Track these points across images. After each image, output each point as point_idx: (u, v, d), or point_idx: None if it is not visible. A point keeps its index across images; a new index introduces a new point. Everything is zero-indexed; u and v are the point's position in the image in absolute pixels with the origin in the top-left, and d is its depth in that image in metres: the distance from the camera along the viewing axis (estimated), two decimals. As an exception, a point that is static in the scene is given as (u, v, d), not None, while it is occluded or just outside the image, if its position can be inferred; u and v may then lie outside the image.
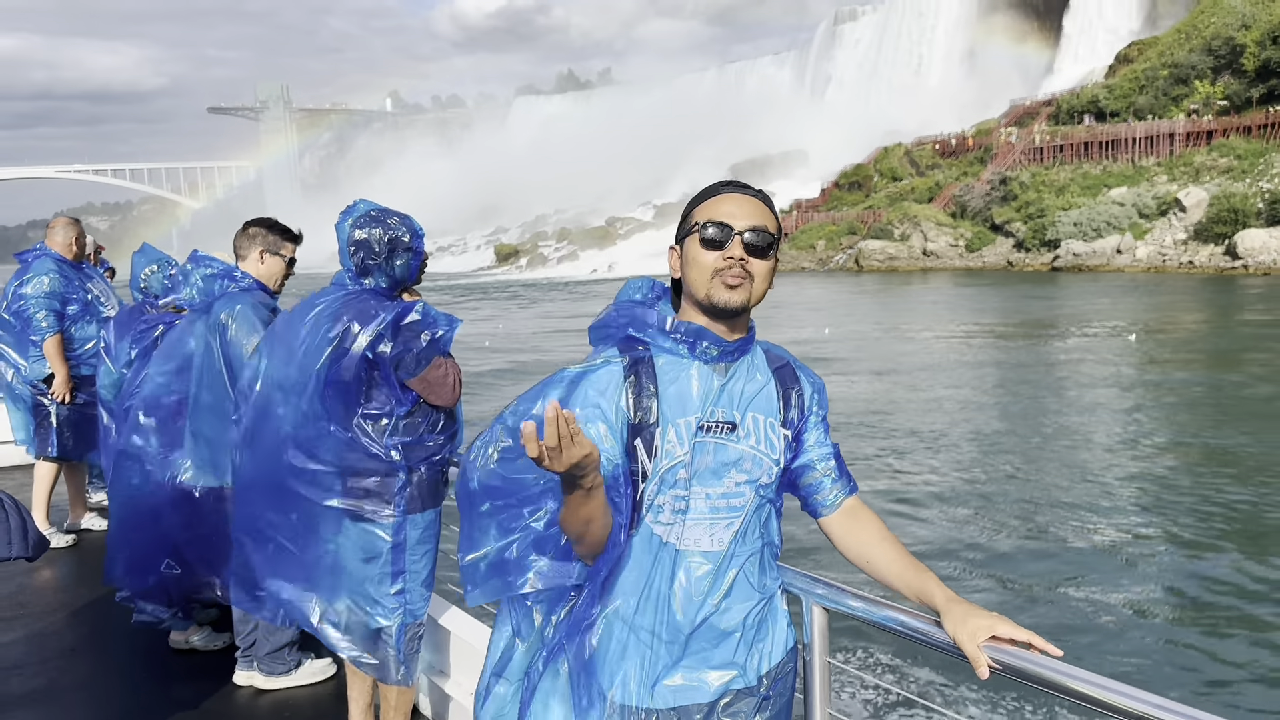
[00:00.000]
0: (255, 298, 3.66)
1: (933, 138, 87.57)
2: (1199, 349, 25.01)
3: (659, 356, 1.79)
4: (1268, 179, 56.05)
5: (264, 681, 3.87)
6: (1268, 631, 8.32)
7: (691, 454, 1.76)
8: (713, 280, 1.75)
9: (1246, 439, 15.17)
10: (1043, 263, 59.91)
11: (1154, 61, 75.40)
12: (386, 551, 2.94)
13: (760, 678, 1.88)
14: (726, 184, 1.83)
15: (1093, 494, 12.56)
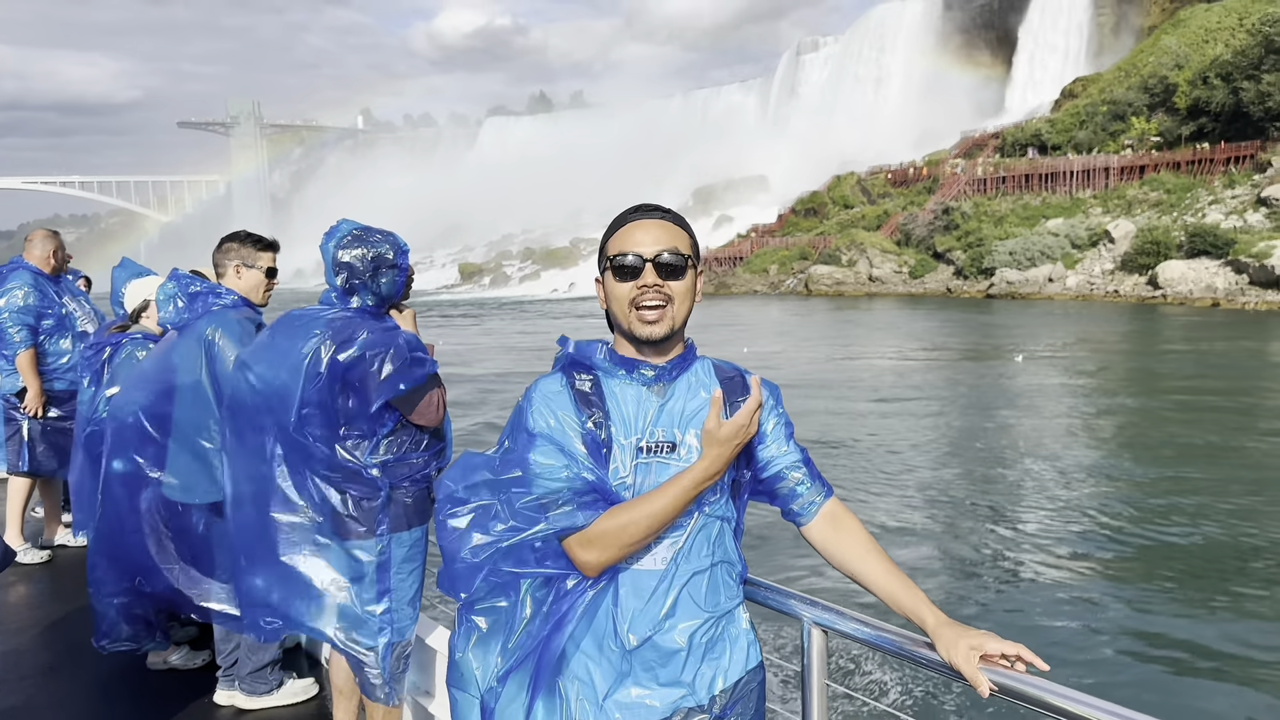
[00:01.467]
0: (240, 313, 3.62)
1: (886, 167, 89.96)
2: (1081, 368, 26.78)
3: (602, 380, 1.83)
4: (1191, 213, 58.56)
5: (245, 701, 3.80)
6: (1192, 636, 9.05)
7: (633, 474, 1.79)
8: (631, 313, 1.80)
9: (1126, 452, 16.77)
10: (979, 290, 62.00)
11: (1095, 97, 78.29)
12: (372, 571, 2.92)
13: (713, 697, 1.86)
14: (634, 210, 1.86)
15: (989, 498, 14.05)
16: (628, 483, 1.79)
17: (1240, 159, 61.19)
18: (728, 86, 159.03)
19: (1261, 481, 14.46)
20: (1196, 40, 74.55)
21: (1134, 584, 10.42)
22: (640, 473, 1.80)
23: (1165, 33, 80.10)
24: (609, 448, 1.79)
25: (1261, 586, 10.23)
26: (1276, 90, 58.54)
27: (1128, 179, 67.00)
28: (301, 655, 4.34)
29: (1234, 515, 12.74)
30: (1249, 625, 9.19)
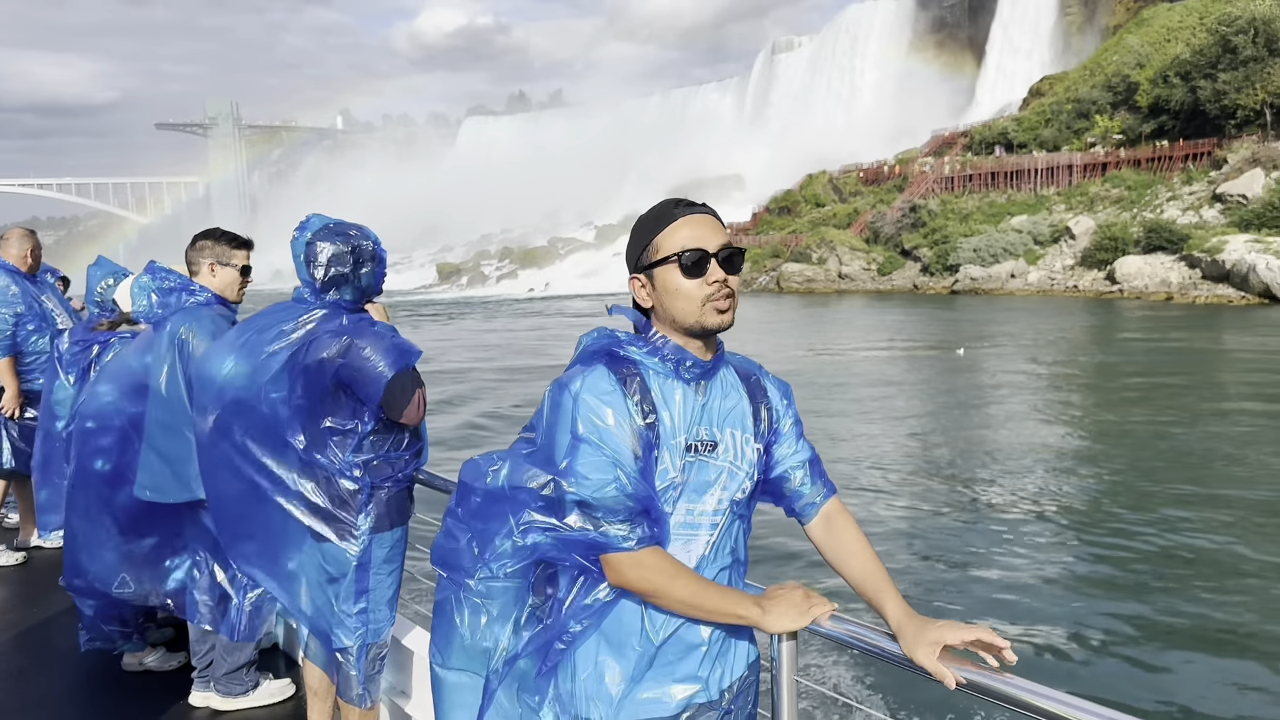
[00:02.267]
0: (214, 311, 3.58)
1: (858, 165, 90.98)
2: (1016, 360, 27.70)
3: (649, 377, 1.81)
4: (1151, 209, 59.78)
5: (221, 702, 3.78)
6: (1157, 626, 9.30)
7: (681, 473, 1.80)
8: (704, 308, 1.79)
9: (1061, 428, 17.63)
10: (944, 286, 63.03)
11: (1061, 96, 79.51)
12: (351, 570, 2.91)
13: (722, 692, 1.89)
14: (677, 205, 1.85)
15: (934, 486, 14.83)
16: (676, 481, 1.80)
17: (1198, 156, 62.45)
18: (705, 86, 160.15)
19: (1163, 457, 15.34)
20: (1158, 39, 75.85)
21: (1063, 565, 11.07)
22: (686, 471, 1.81)
23: (1129, 32, 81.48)
24: (659, 448, 1.78)
25: (1184, 568, 10.98)
26: (1231, 89, 59.80)
27: (1090, 176, 68.20)
28: (278, 656, 4.28)
29: (1151, 497, 13.61)
30: (1195, 608, 9.56)
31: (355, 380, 2.83)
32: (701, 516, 1.83)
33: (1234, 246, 48.68)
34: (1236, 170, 57.64)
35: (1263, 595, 9.73)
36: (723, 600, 1.79)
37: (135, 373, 3.67)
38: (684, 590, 1.76)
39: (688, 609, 1.78)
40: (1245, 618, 9.19)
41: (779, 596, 1.83)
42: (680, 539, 1.82)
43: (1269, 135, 59.30)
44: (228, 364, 2.91)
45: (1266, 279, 45.33)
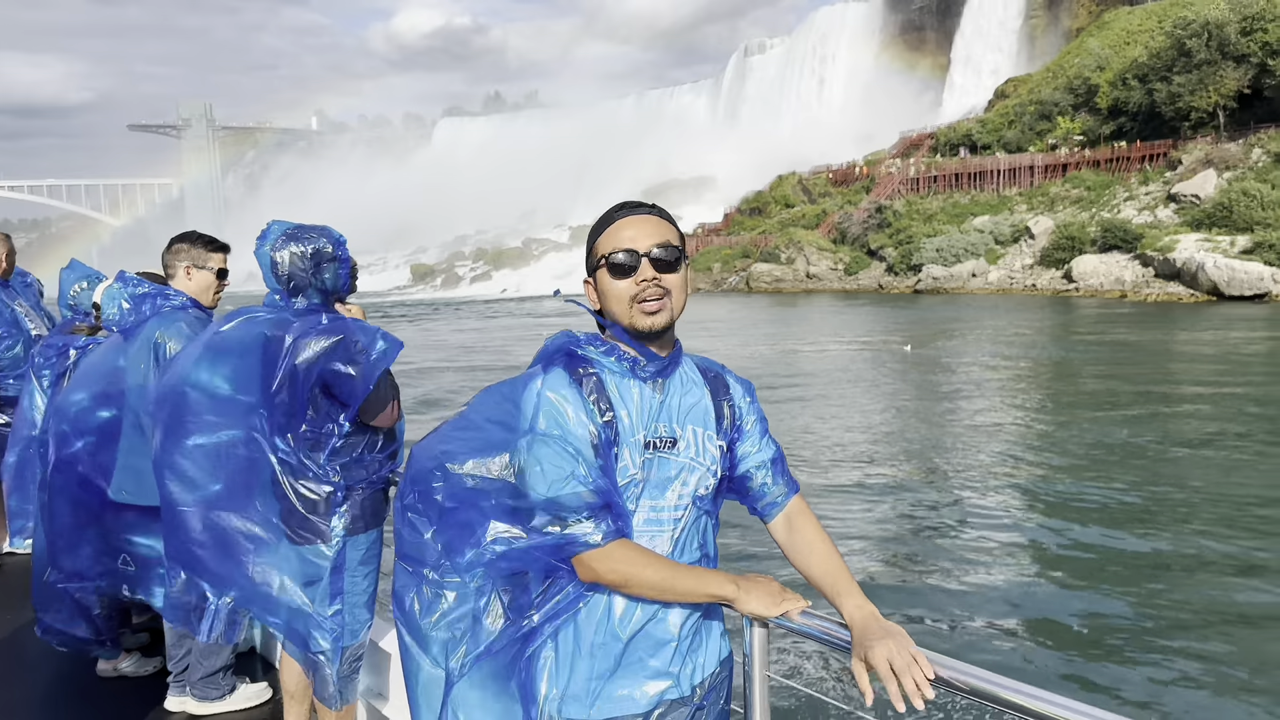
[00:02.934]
0: (190, 316, 3.56)
1: (828, 166, 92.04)
2: (957, 356, 28.61)
3: (605, 377, 1.83)
4: (1109, 209, 61.05)
5: (197, 707, 3.75)
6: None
7: (642, 470, 1.82)
8: (632, 308, 1.80)
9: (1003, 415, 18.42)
10: (907, 286, 64.10)
11: (1024, 98, 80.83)
12: (326, 573, 2.91)
13: (694, 688, 1.89)
14: (620, 208, 1.87)
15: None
16: (637, 478, 1.82)
17: (1155, 157, 63.83)
18: (680, 87, 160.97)
19: (1092, 445, 16.17)
20: (1119, 42, 77.27)
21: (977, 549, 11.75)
22: (647, 468, 1.83)
23: (1090, 35, 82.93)
24: (618, 445, 1.80)
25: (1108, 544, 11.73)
26: (1185, 91, 61.12)
27: (1051, 177, 69.51)
28: (255, 660, 4.26)
29: (1050, 483, 14.41)
30: (1149, 598, 9.88)
31: (336, 382, 2.83)
32: (664, 513, 1.85)
33: (1185, 246, 49.93)
34: (1190, 171, 59.01)
35: (1216, 584, 10.18)
36: (696, 580, 1.82)
37: (107, 377, 3.63)
38: (655, 575, 1.78)
39: (661, 593, 1.80)
40: (1202, 606, 9.59)
41: (756, 580, 1.86)
42: (645, 535, 1.83)
43: (1222, 137, 60.72)
44: (206, 371, 2.89)
45: (1214, 277, 46.55)
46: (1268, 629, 8.92)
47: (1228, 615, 9.28)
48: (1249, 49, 58.77)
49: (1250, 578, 10.20)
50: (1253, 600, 9.57)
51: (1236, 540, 11.47)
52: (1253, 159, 57.05)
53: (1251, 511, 12.59)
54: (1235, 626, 9.01)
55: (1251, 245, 47.86)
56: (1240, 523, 12.11)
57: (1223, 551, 11.12)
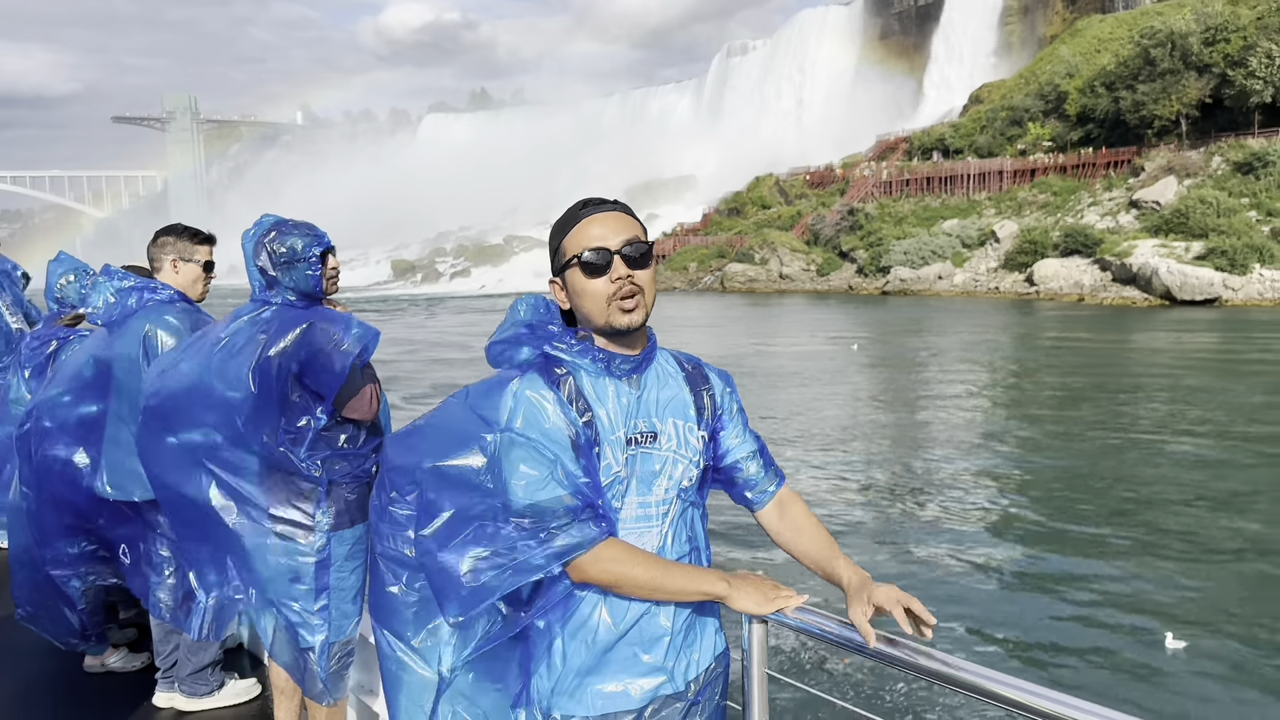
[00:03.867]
0: (178, 309, 3.55)
1: (806, 168, 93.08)
2: (901, 354, 29.58)
3: (581, 377, 1.83)
4: (1073, 214, 62.23)
5: (185, 703, 3.74)
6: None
7: (625, 466, 1.82)
8: (609, 307, 1.80)
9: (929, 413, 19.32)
10: (876, 287, 65.16)
11: (997, 103, 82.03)
12: (311, 568, 2.91)
13: (688, 683, 1.88)
14: (584, 205, 1.86)
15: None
16: (621, 475, 1.82)
17: (1119, 164, 65.09)
18: (664, 87, 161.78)
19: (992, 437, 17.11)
20: (1089, 50, 78.53)
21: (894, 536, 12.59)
22: (630, 464, 1.83)
23: (1063, 42, 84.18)
24: (599, 445, 1.80)
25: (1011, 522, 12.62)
26: (1149, 99, 62.36)
27: (1020, 182, 70.69)
28: (243, 655, 4.25)
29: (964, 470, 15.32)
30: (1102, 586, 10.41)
31: (309, 373, 2.84)
32: (652, 507, 1.85)
33: (1141, 251, 51.11)
34: (1152, 178, 60.23)
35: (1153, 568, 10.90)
36: (687, 578, 1.81)
37: (92, 371, 3.61)
38: (646, 574, 1.78)
39: (652, 592, 1.79)
40: (1156, 596, 10.16)
41: (749, 578, 1.87)
42: (635, 531, 1.83)
43: (1184, 145, 61.99)
44: (188, 367, 2.92)
45: (1168, 282, 47.74)
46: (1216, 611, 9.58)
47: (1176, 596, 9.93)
48: (1211, 59, 60.07)
49: (1196, 562, 10.95)
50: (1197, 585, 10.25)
51: (1177, 526, 12.32)
52: (1212, 167, 58.30)
53: (1197, 501, 13.46)
54: (1182, 608, 9.65)
55: (1205, 251, 49.07)
56: (1186, 513, 12.95)
57: (1171, 533, 11.95)
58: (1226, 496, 13.68)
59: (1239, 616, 9.48)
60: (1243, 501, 13.43)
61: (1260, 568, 10.85)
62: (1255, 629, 9.20)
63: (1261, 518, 12.60)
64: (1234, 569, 10.82)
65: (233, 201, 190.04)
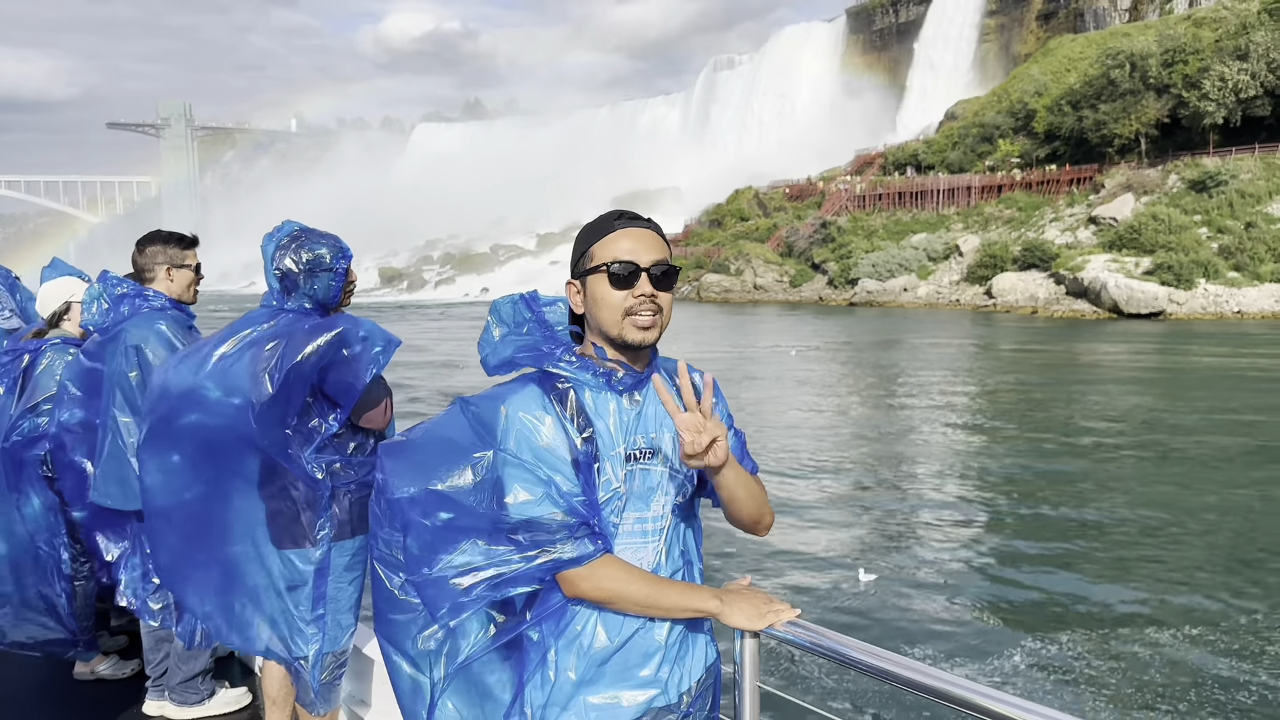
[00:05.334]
0: (171, 316, 3.53)
1: (786, 182, 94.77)
2: (837, 359, 31.11)
3: (582, 392, 1.82)
4: (1035, 229, 63.92)
5: (176, 711, 3.73)
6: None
7: (625, 483, 1.81)
8: (624, 320, 1.79)
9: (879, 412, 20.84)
10: (844, 298, 66.74)
11: (969, 120, 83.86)
12: (310, 578, 2.89)
13: (681, 695, 1.89)
14: (619, 217, 1.86)
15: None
16: (620, 491, 1.82)
17: (1081, 180, 66.89)
18: (654, 99, 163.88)
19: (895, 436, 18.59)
20: (1060, 69, 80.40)
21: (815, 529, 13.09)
22: (629, 480, 1.82)
23: (1035, 61, 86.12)
24: (599, 461, 1.79)
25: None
26: (1110, 119, 64.18)
27: (987, 197, 72.41)
28: (234, 664, 4.23)
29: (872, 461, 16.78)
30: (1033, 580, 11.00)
31: (330, 380, 2.82)
32: (649, 523, 1.85)
33: (1093, 266, 52.77)
34: (1111, 195, 61.96)
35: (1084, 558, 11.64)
36: (680, 596, 1.83)
37: (83, 381, 3.60)
38: (640, 592, 1.79)
39: (646, 609, 1.81)
40: (1094, 591, 10.67)
41: (741, 593, 1.88)
42: (631, 547, 1.84)
43: (1143, 163, 63.78)
44: (195, 374, 2.87)
45: (1115, 296, 49.40)
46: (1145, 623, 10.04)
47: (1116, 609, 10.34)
48: (1170, 80, 61.88)
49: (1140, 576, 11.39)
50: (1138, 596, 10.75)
51: (1117, 526, 13.11)
52: (1169, 184, 60.02)
53: (1133, 503, 14.41)
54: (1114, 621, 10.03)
55: (1153, 266, 50.73)
56: (1129, 519, 13.66)
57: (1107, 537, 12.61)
58: (1135, 490, 15.06)
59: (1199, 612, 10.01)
60: (1163, 495, 14.57)
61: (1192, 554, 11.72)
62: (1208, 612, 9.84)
63: (1171, 505, 13.75)
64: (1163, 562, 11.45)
65: (226, 208, 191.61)
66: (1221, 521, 13.26)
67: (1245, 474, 15.93)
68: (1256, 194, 55.68)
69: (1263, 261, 50.27)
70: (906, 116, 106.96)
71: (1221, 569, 11.40)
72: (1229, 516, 13.50)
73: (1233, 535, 12.73)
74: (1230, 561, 11.66)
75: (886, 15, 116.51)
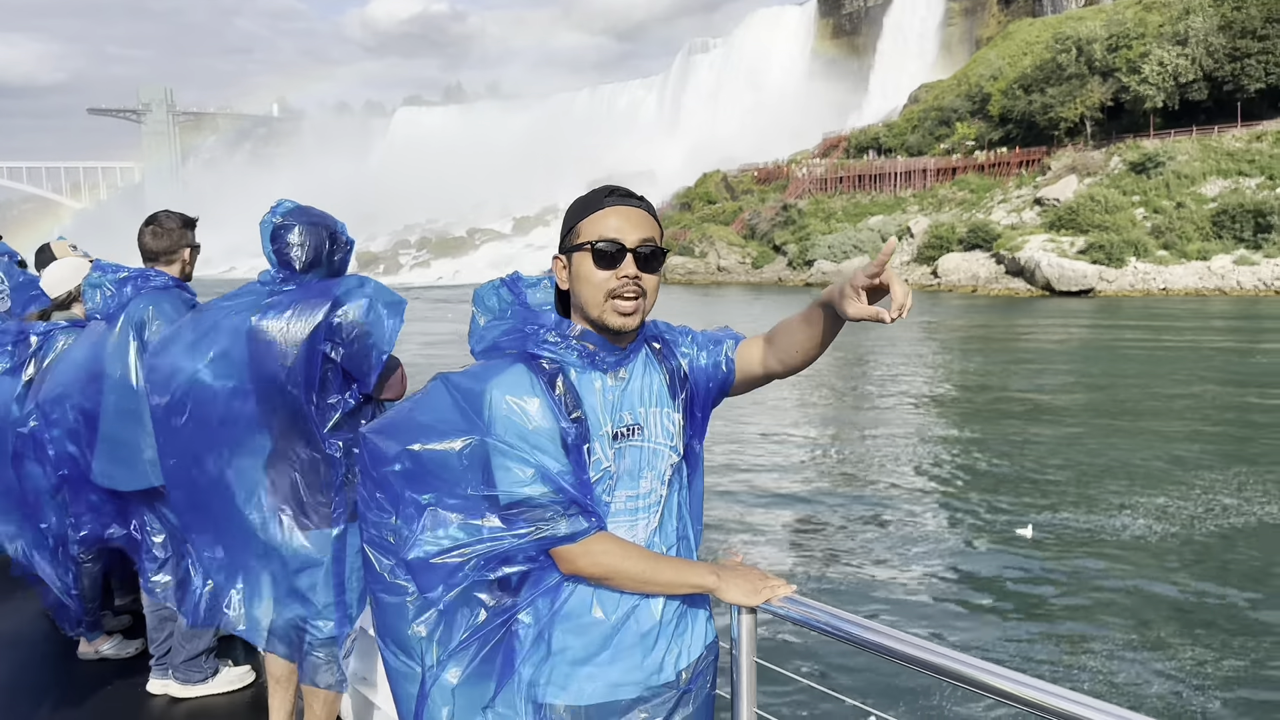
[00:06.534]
0: (172, 295, 3.49)
1: (755, 165, 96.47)
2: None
3: (569, 371, 1.78)
4: (984, 210, 65.88)
5: (179, 690, 3.72)
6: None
7: (614, 461, 1.79)
8: (606, 302, 1.75)
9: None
10: (802, 279, 68.68)
11: (929, 104, 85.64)
12: (328, 561, 2.87)
13: (679, 673, 1.88)
14: (609, 193, 1.80)
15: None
16: (611, 470, 1.79)
17: (1030, 163, 68.87)
18: (632, 82, 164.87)
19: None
20: (1017, 53, 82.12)
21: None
22: (618, 458, 1.80)
23: (994, 45, 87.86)
24: (588, 440, 1.76)
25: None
26: (1056, 102, 66.09)
27: (942, 179, 74.35)
28: (237, 643, 4.21)
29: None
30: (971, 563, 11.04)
31: (351, 354, 2.77)
32: (640, 500, 1.83)
33: (1031, 245, 54.83)
34: (1056, 176, 63.98)
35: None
36: (677, 572, 1.82)
37: (93, 364, 3.57)
38: (636, 568, 1.78)
39: (642, 585, 1.80)
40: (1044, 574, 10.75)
41: (737, 569, 1.88)
42: (624, 524, 1.82)
43: (1088, 145, 65.74)
44: (190, 351, 2.83)
45: (1048, 274, 51.50)
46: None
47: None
48: (1115, 65, 63.76)
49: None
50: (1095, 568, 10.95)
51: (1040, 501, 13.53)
52: (1111, 166, 62.03)
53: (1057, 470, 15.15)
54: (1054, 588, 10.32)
55: (1086, 246, 52.79)
56: (1052, 488, 14.28)
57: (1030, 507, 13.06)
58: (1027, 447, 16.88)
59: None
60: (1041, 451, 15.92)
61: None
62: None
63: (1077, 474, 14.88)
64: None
65: (209, 193, 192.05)
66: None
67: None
68: (1192, 175, 57.76)
69: (1190, 240, 52.38)
70: (873, 99, 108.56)
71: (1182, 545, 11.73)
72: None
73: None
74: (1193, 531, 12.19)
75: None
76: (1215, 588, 10.17)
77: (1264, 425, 18.37)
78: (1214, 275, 50.48)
